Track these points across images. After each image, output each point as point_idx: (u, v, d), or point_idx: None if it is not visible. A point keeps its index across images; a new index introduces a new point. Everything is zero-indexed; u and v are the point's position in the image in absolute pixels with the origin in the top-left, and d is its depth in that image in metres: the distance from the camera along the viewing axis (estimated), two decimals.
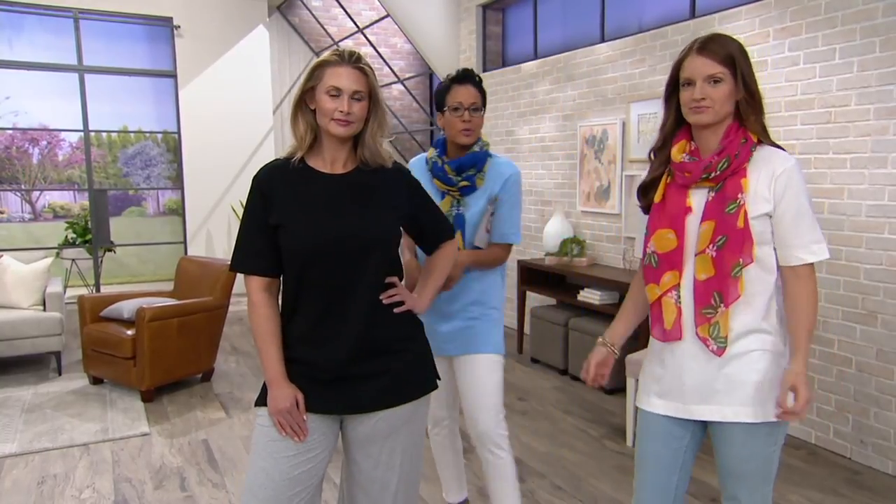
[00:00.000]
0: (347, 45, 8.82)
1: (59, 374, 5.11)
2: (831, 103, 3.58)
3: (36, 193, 8.96)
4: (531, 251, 6.15)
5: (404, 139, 9.17)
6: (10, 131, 8.51)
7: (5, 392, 4.71)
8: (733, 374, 1.77)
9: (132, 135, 8.98)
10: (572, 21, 5.86)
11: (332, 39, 8.73)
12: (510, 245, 2.55)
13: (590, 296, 4.84)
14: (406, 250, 2.49)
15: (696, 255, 1.77)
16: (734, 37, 1.79)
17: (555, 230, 5.42)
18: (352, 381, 1.78)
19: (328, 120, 1.73)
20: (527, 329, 5.74)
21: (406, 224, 1.90)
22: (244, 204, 1.87)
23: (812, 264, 1.76)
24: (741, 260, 1.72)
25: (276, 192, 1.79)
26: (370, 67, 1.77)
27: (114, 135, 8.93)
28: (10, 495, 3.27)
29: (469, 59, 6.92)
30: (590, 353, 2.04)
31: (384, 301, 1.80)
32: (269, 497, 1.73)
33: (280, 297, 1.86)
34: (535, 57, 6.19)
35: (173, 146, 8.56)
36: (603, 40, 5.33)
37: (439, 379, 1.96)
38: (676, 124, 1.85)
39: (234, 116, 8.32)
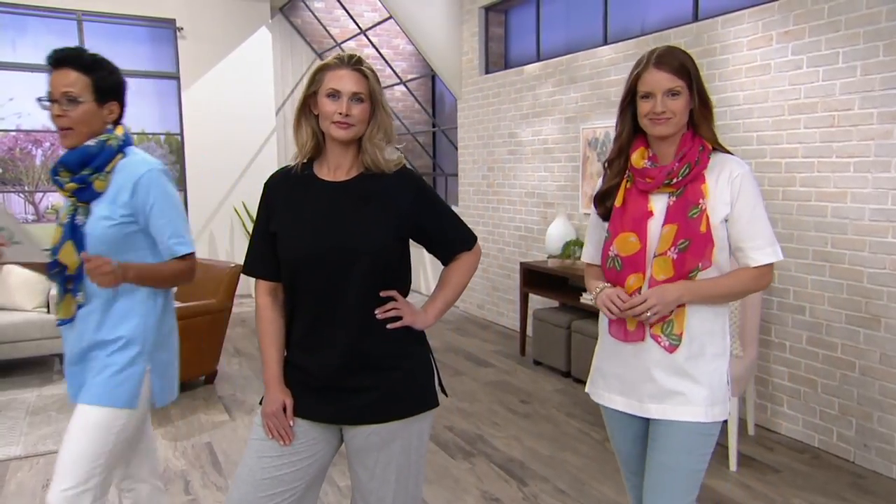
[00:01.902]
0: (350, 46, 8.82)
1: (63, 376, 5.11)
2: (834, 107, 3.57)
3: (39, 195, 8.96)
4: (533, 253, 6.16)
5: (407, 140, 9.17)
6: (14, 133, 8.53)
7: (10, 394, 4.73)
8: (690, 374, 1.84)
9: (135, 136, 9.01)
10: (575, 23, 5.86)
11: (335, 41, 8.74)
12: (188, 257, 2.08)
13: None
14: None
15: (655, 257, 1.82)
16: (684, 49, 1.87)
17: (557, 232, 5.42)
18: (341, 392, 1.77)
19: (329, 123, 1.72)
20: (529, 331, 5.75)
21: (413, 233, 1.84)
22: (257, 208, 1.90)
23: (771, 264, 1.85)
24: (700, 264, 1.80)
25: (278, 199, 1.82)
26: (372, 70, 1.75)
27: None
28: (14, 498, 3.28)
29: (472, 60, 6.93)
30: (601, 297, 1.87)
31: (378, 316, 1.76)
32: (248, 492, 1.77)
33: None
34: (538, 59, 6.19)
35: (176, 147, 8.57)
36: (606, 43, 5.33)
37: (446, 395, 1.93)
38: (631, 135, 1.90)
39: (236, 118, 8.33)
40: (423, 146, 9.11)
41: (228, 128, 8.29)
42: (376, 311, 1.76)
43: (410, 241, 1.86)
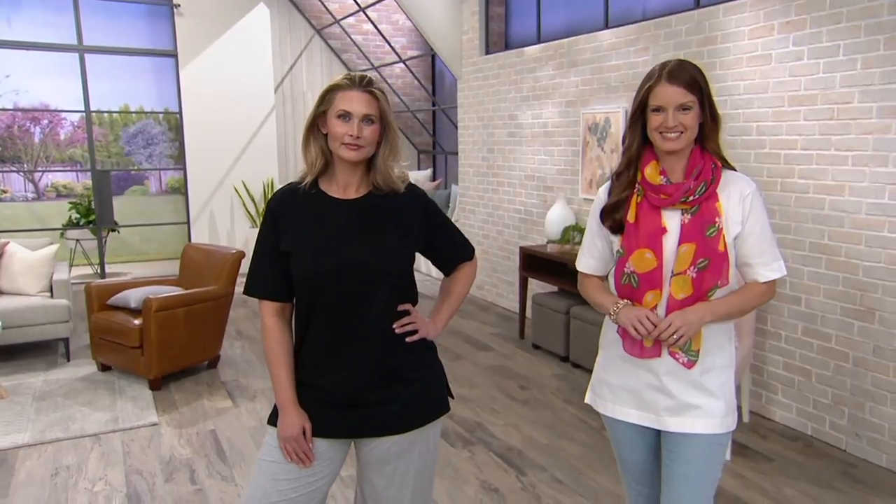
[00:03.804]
0: (349, 22, 8.74)
1: (68, 360, 5.19)
2: (834, 100, 3.57)
3: (38, 173, 8.96)
4: (533, 236, 6.18)
5: (406, 118, 9.13)
6: (11, 111, 8.50)
7: (17, 379, 4.79)
8: (706, 388, 1.88)
9: (133, 114, 8.96)
10: (576, 6, 5.81)
11: (333, 17, 8.65)
12: None
13: None
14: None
15: (673, 276, 1.83)
16: (693, 63, 1.86)
17: (557, 217, 5.44)
18: (362, 407, 1.80)
19: (339, 144, 1.73)
20: (528, 313, 5.80)
21: (421, 247, 1.88)
22: (259, 224, 1.90)
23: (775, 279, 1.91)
24: (719, 283, 1.84)
25: (287, 217, 1.80)
26: (382, 92, 1.77)
27: (115, 114, 8.91)
28: (25, 487, 3.36)
29: (472, 40, 6.87)
30: (628, 316, 1.84)
31: (397, 330, 1.79)
32: None
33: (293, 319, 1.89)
34: (539, 41, 6.14)
35: (175, 125, 8.54)
36: (607, 26, 5.29)
37: (452, 398, 1.98)
38: (641, 147, 1.90)
39: (235, 95, 8.30)
40: (423, 123, 9.08)
41: (227, 105, 8.26)
42: (395, 325, 1.80)
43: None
